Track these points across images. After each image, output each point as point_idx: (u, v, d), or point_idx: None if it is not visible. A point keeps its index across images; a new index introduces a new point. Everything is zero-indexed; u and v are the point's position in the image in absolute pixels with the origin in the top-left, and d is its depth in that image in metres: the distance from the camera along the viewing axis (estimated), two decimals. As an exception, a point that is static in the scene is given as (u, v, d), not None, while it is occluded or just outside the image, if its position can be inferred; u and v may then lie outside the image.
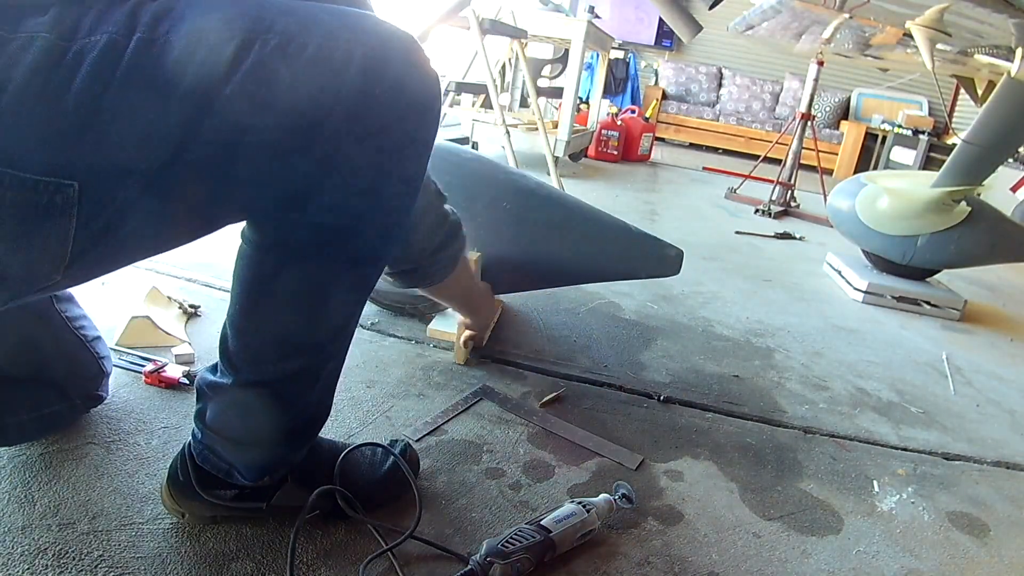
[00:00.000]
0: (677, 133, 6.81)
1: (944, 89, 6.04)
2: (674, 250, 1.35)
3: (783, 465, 1.16)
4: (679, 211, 3.36)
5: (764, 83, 6.93)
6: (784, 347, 1.70)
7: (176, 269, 1.60)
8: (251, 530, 0.82)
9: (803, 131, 3.70)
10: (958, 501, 1.13)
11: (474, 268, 1.25)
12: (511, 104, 4.33)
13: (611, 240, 1.35)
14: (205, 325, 1.35)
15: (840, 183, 2.45)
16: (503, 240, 1.29)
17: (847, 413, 1.39)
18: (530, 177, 1.38)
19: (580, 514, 0.86)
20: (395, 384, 1.23)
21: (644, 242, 1.35)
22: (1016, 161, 4.48)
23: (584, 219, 1.34)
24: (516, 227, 1.30)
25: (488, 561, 0.78)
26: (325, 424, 0.86)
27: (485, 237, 1.28)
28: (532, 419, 1.17)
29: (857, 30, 2.48)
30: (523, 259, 1.32)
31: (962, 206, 2.15)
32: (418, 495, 0.88)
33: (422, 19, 1.54)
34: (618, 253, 1.35)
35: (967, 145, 2.07)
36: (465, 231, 1.07)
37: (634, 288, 1.94)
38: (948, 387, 1.63)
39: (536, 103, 3.26)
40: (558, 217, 1.32)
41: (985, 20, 1.78)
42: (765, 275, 2.37)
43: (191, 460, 0.79)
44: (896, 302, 2.21)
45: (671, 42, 7.12)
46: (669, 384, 1.40)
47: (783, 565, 0.91)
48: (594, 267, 1.37)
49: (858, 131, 6.38)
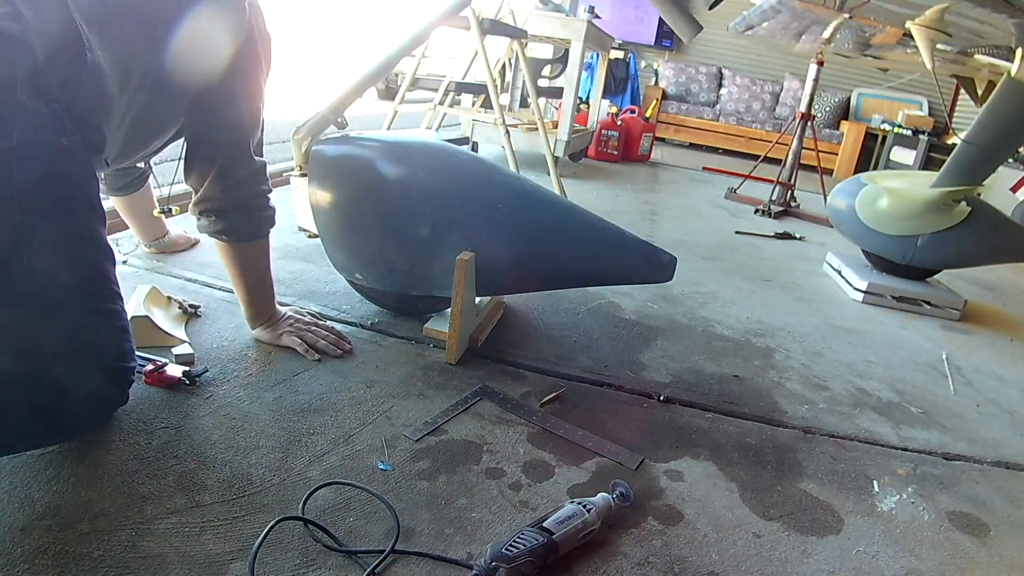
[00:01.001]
0: (677, 133, 6.81)
1: (944, 89, 6.04)
2: (667, 256, 1.35)
3: (783, 465, 1.16)
4: (679, 211, 3.36)
5: (764, 83, 6.93)
6: (784, 347, 1.70)
7: (176, 269, 1.60)
8: (252, 531, 0.82)
9: (803, 131, 3.70)
10: (958, 501, 1.13)
11: (466, 268, 1.25)
12: (511, 104, 4.33)
13: (605, 244, 1.35)
14: (205, 325, 1.35)
15: (840, 183, 2.45)
16: (498, 241, 1.29)
17: (847, 413, 1.39)
18: (527, 180, 1.38)
19: (581, 514, 0.86)
20: (395, 384, 1.23)
21: (638, 247, 1.35)
22: (1016, 161, 4.48)
23: (579, 223, 1.34)
24: (511, 229, 1.30)
25: (493, 566, 0.78)
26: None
27: (480, 238, 1.28)
28: (532, 419, 1.17)
29: (857, 30, 2.48)
30: (518, 261, 1.32)
31: (962, 206, 2.15)
32: (395, 512, 0.88)
33: (422, 19, 1.54)
34: (612, 257, 1.35)
35: (967, 145, 2.07)
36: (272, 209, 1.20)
37: (634, 288, 1.94)
38: (948, 387, 1.63)
39: (536, 103, 3.26)
40: (553, 220, 1.32)
41: (985, 20, 1.78)
42: (765, 275, 2.37)
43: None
44: (896, 302, 2.20)
45: (671, 42, 7.12)
46: (669, 384, 1.40)
47: (783, 565, 0.91)
48: (587, 271, 1.38)
49: (858, 131, 6.38)
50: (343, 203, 1.36)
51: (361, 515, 0.88)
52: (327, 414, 1.10)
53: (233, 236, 1.18)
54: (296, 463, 0.97)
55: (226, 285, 1.53)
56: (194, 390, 1.11)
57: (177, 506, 0.85)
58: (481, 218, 1.30)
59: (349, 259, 1.41)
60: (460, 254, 1.26)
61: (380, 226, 1.34)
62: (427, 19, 1.55)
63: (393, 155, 1.33)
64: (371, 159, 1.33)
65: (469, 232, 1.29)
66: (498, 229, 1.30)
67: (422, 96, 3.52)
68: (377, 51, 1.46)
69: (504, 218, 1.30)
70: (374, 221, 1.34)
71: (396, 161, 1.33)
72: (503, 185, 1.33)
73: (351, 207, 1.36)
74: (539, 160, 3.54)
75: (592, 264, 1.35)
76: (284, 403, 1.11)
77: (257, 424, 1.04)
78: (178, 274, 1.58)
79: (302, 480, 0.93)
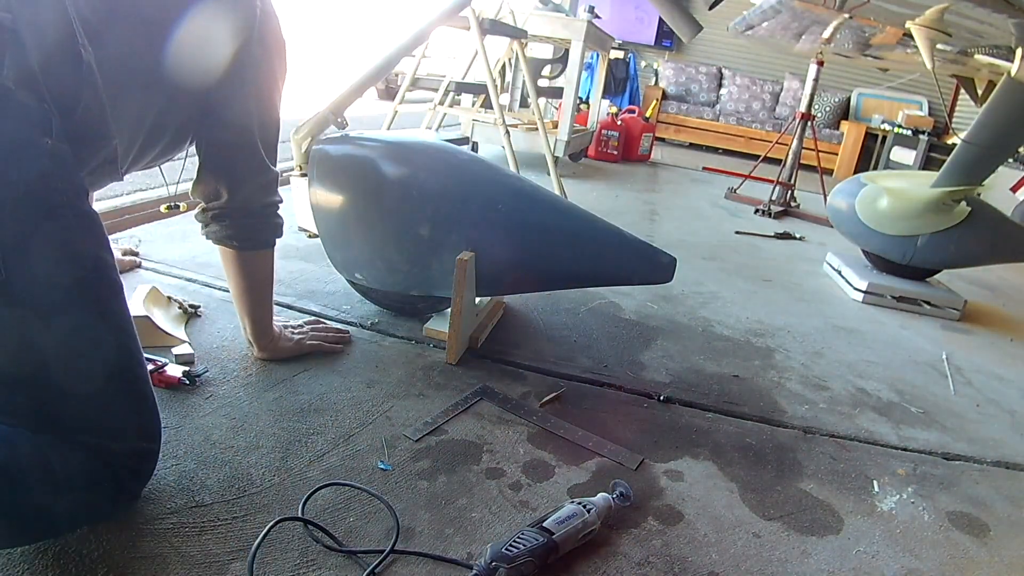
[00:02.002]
0: (677, 133, 6.81)
1: (944, 89, 6.04)
2: (667, 257, 1.35)
3: (783, 465, 1.16)
4: (679, 211, 3.36)
5: (764, 83, 6.93)
6: (784, 347, 1.70)
7: (176, 269, 1.60)
8: (251, 531, 0.82)
9: (803, 131, 3.70)
10: (958, 501, 1.13)
11: (466, 268, 1.25)
12: (511, 104, 4.33)
13: (605, 245, 1.35)
14: (205, 325, 1.35)
15: (840, 183, 2.45)
16: (498, 242, 1.30)
17: (847, 413, 1.39)
18: (527, 180, 1.38)
19: (581, 514, 0.86)
20: (395, 384, 1.23)
21: (638, 248, 1.35)
22: (1016, 161, 4.48)
23: (578, 223, 1.34)
24: (511, 229, 1.30)
25: (493, 566, 0.78)
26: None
27: (479, 238, 1.28)
28: (532, 419, 1.17)
29: (857, 30, 2.48)
30: (517, 262, 1.33)
31: (962, 206, 2.15)
32: (394, 512, 0.88)
33: (422, 19, 1.54)
34: (611, 258, 1.35)
35: (967, 145, 2.07)
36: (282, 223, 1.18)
37: (634, 288, 1.94)
38: (948, 387, 1.63)
39: (536, 103, 3.25)
40: (553, 221, 1.32)
41: (985, 20, 1.78)
42: (765, 275, 2.37)
43: None
44: (896, 302, 2.20)
45: (671, 42, 7.12)
46: (669, 384, 1.40)
47: (783, 565, 0.91)
48: (587, 272, 1.37)
49: (858, 131, 6.38)
50: (344, 203, 1.35)
51: (361, 515, 0.88)
52: (327, 414, 1.10)
53: (241, 243, 1.15)
54: (296, 463, 0.97)
55: (226, 285, 1.53)
56: (194, 390, 1.11)
57: (177, 506, 0.85)
58: (481, 219, 1.30)
59: (349, 259, 1.40)
60: (460, 254, 1.26)
61: (380, 226, 1.34)
62: (427, 19, 1.55)
63: (394, 155, 1.33)
64: (372, 159, 1.33)
65: (469, 232, 1.29)
66: (498, 230, 1.30)
67: (422, 96, 3.52)
68: (377, 51, 1.46)
69: (504, 219, 1.30)
70: (374, 221, 1.34)
71: (397, 161, 1.33)
72: (503, 185, 1.33)
73: (352, 207, 1.35)
74: (539, 160, 3.54)
75: (592, 265, 1.35)
76: (284, 403, 1.11)
77: (257, 424, 1.04)
78: (178, 274, 1.58)
79: (302, 480, 0.93)
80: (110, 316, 0.81)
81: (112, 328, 0.81)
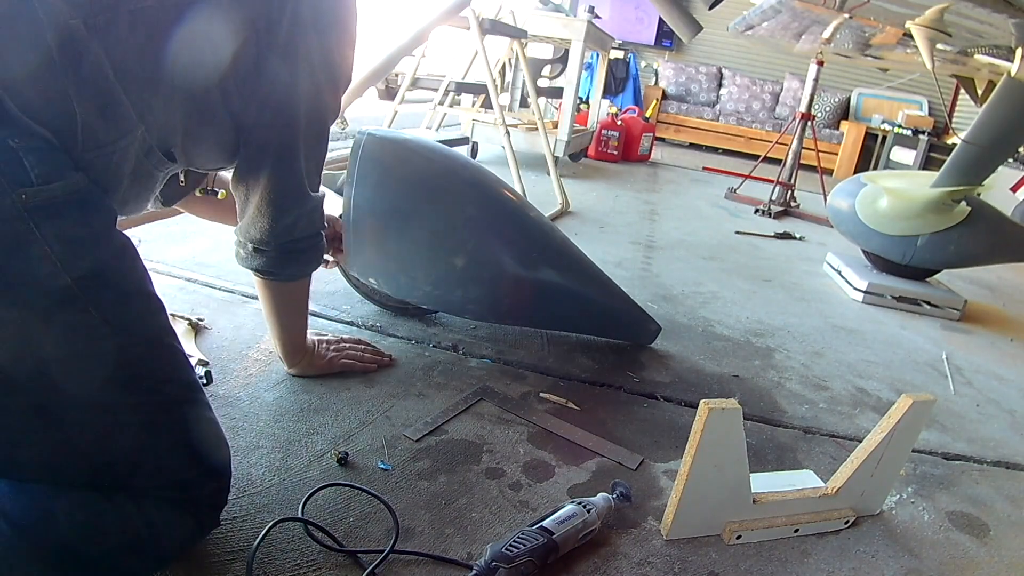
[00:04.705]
0: (677, 133, 6.81)
1: (944, 89, 6.04)
2: (655, 325, 1.51)
3: (783, 465, 1.16)
4: (679, 211, 3.36)
5: (764, 83, 6.93)
6: (784, 347, 1.70)
7: (176, 269, 1.60)
8: (251, 531, 0.82)
9: (803, 131, 3.70)
10: (958, 501, 1.13)
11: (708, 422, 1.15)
12: (511, 104, 4.33)
13: (610, 307, 1.47)
14: (212, 334, 1.35)
15: (840, 183, 2.45)
16: (522, 285, 1.35)
17: (847, 413, 1.39)
18: (559, 231, 1.46)
19: (581, 514, 0.86)
20: (395, 384, 1.23)
21: (634, 313, 1.50)
22: (1016, 161, 4.48)
23: (592, 281, 1.45)
24: (537, 276, 1.36)
25: (493, 566, 0.78)
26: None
27: (510, 279, 1.33)
28: (532, 419, 1.17)
29: (857, 30, 2.49)
30: (528, 301, 1.38)
31: (962, 206, 2.15)
32: (394, 513, 0.88)
33: (421, 19, 1.54)
34: (609, 317, 1.49)
35: (967, 145, 2.07)
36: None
37: (634, 288, 1.94)
38: (948, 387, 1.63)
39: (536, 103, 3.26)
40: (574, 278, 1.42)
41: (985, 20, 1.78)
42: (765, 275, 2.37)
43: None
44: (896, 302, 2.21)
45: (671, 42, 7.12)
46: (669, 384, 1.40)
47: (783, 565, 0.91)
48: (583, 323, 1.50)
49: (858, 131, 6.38)
50: (383, 210, 1.27)
51: (361, 515, 0.88)
52: (327, 414, 1.10)
53: (274, 276, 1.06)
54: (296, 463, 0.97)
55: (226, 285, 1.53)
56: (194, 390, 1.11)
57: (177, 506, 0.85)
58: (516, 263, 1.34)
59: (369, 264, 1.32)
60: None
61: (414, 247, 1.29)
62: (427, 19, 1.55)
63: (449, 180, 1.30)
64: (427, 177, 1.27)
65: (502, 273, 1.33)
66: (526, 274, 1.35)
67: (422, 96, 3.51)
68: (377, 51, 1.46)
69: (533, 266, 1.36)
70: (412, 239, 1.28)
71: (451, 190, 1.30)
72: (542, 234, 1.39)
73: (391, 218, 1.27)
74: (539, 160, 3.55)
75: (591, 320, 1.49)
76: (284, 403, 1.11)
77: (257, 424, 1.04)
78: (178, 274, 1.58)
79: (302, 480, 0.93)
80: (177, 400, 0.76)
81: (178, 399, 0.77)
